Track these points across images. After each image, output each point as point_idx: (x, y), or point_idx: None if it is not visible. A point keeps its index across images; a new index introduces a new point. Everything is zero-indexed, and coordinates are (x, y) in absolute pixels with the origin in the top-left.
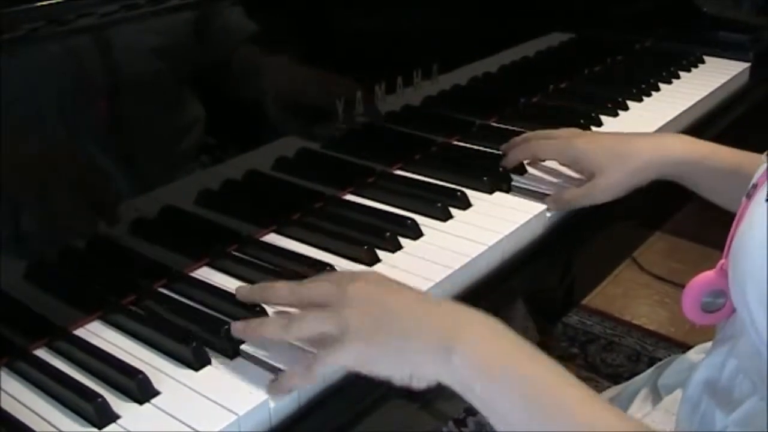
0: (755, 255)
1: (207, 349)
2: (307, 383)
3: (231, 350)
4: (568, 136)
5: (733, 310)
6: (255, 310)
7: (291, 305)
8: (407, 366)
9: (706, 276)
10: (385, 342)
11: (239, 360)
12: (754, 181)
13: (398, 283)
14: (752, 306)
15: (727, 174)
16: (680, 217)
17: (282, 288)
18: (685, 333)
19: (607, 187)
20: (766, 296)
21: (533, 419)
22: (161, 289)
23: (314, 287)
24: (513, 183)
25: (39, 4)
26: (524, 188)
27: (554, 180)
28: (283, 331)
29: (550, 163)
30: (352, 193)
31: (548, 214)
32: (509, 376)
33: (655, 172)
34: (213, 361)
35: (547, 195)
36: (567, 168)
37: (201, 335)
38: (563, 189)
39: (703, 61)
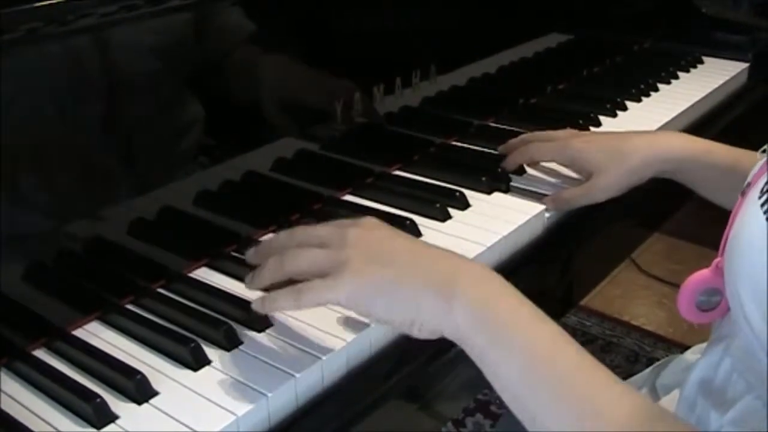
0: (749, 253)
1: (206, 350)
2: (294, 307)
3: (229, 350)
4: (565, 137)
5: (729, 309)
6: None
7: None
8: (406, 309)
9: (702, 274)
10: (384, 281)
11: (238, 360)
12: (749, 179)
13: (398, 230)
14: (746, 304)
15: (724, 171)
16: (679, 218)
17: (282, 235)
18: (683, 334)
19: (606, 185)
20: (759, 294)
21: (530, 381)
22: (160, 290)
23: (313, 229)
24: (511, 183)
25: (39, 4)
26: (523, 189)
27: (553, 180)
28: (279, 265)
29: (549, 164)
30: (351, 193)
31: (547, 215)
32: (510, 333)
33: (653, 169)
34: (212, 361)
35: (546, 195)
36: (566, 168)
37: (200, 335)
38: (562, 189)
39: (701, 62)
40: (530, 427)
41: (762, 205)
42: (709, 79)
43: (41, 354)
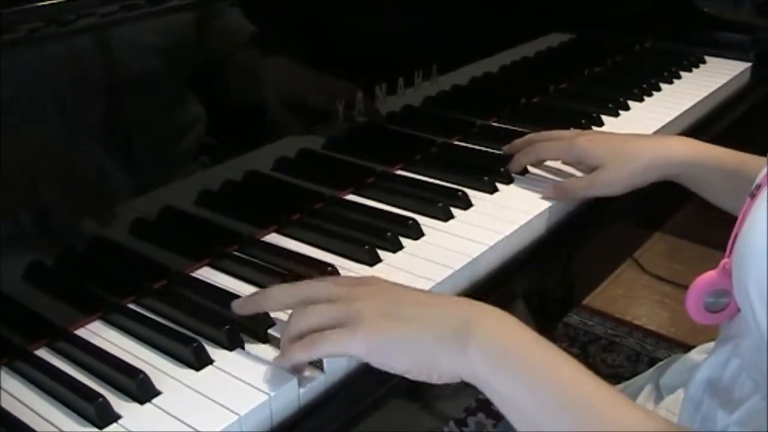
0: (757, 253)
1: (208, 349)
2: (308, 358)
3: (232, 350)
4: (571, 136)
5: (737, 310)
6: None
7: (291, 308)
8: (423, 361)
9: (709, 276)
10: (399, 331)
11: (240, 360)
12: (758, 181)
13: (402, 284)
14: (755, 304)
15: (729, 176)
16: (681, 217)
17: (280, 292)
18: (685, 333)
19: (609, 180)
20: (766, 294)
21: (551, 416)
22: (162, 289)
23: (317, 287)
24: (514, 183)
25: (39, 4)
26: (525, 188)
27: (556, 180)
28: (293, 326)
29: (552, 163)
30: (353, 193)
31: (548, 204)
32: (525, 370)
33: (658, 172)
34: (214, 361)
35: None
36: (570, 168)
37: (202, 335)
38: (565, 175)
39: (704, 61)
40: None
41: None
42: (712, 78)
43: (43, 353)
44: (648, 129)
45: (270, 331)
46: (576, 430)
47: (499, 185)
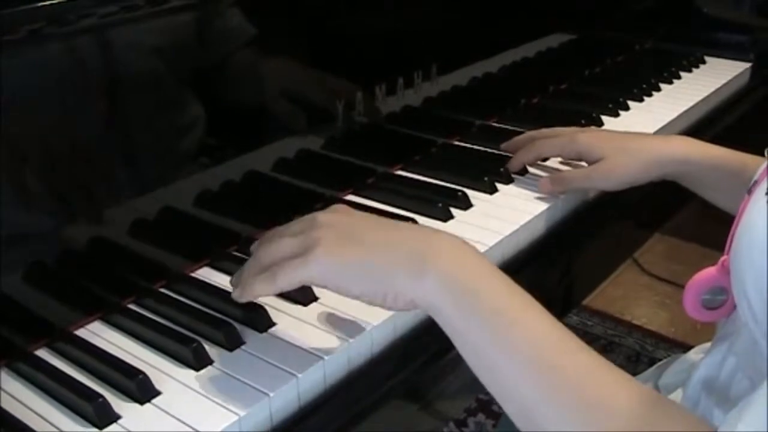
0: (755, 248)
1: (207, 349)
2: (270, 291)
3: (231, 350)
4: (571, 132)
5: (735, 307)
6: (256, 310)
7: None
8: (379, 282)
9: (708, 273)
10: (355, 256)
11: (240, 360)
12: (755, 177)
13: (368, 213)
14: (753, 301)
15: (730, 176)
16: (681, 218)
17: (256, 247)
18: (685, 333)
19: (608, 172)
20: (764, 289)
21: (503, 350)
22: (162, 290)
23: (284, 226)
24: (514, 183)
25: (39, 4)
26: (525, 188)
27: (554, 174)
28: (256, 261)
29: (552, 163)
30: (353, 193)
31: (548, 204)
32: (481, 302)
33: (659, 170)
34: (213, 361)
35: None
36: (570, 166)
37: (201, 335)
38: (563, 170)
39: (704, 62)
40: (498, 395)
41: None
42: (712, 78)
43: (43, 354)
44: (648, 129)
45: (270, 330)
46: (522, 362)
47: (498, 185)
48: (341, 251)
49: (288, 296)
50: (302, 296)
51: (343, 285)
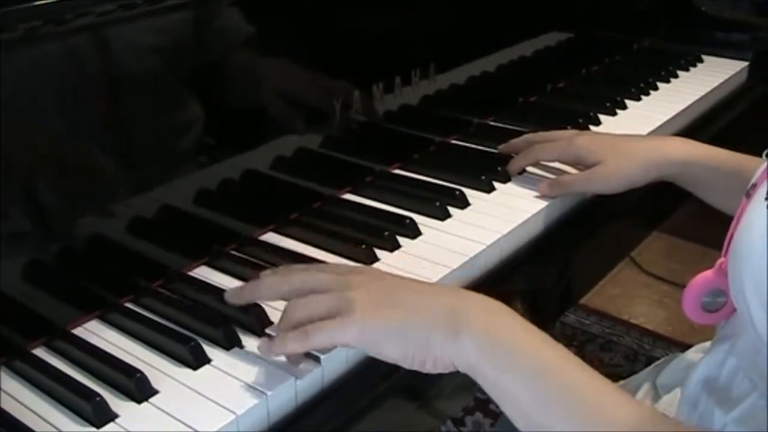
0: (753, 252)
1: (205, 348)
2: (301, 349)
3: (229, 349)
4: (569, 136)
5: (734, 309)
6: (253, 311)
7: (285, 297)
8: (416, 349)
9: (705, 276)
10: (392, 319)
11: (238, 359)
12: (753, 180)
13: (396, 275)
14: (751, 304)
15: (728, 177)
16: (679, 216)
17: (273, 280)
18: (683, 332)
19: (607, 175)
20: (763, 294)
21: (544, 403)
22: (160, 289)
23: (311, 275)
24: (511, 182)
25: (37, 3)
26: (522, 187)
27: (552, 178)
28: (286, 316)
29: (549, 163)
30: (351, 192)
31: (546, 203)
32: (519, 359)
33: (656, 171)
34: (211, 360)
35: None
36: (567, 167)
37: (199, 334)
38: (562, 174)
39: (701, 61)
40: None
41: None
42: (709, 77)
43: (41, 353)
44: (645, 128)
45: (267, 330)
46: (567, 419)
47: (496, 184)
48: (378, 316)
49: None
50: None
51: (381, 349)
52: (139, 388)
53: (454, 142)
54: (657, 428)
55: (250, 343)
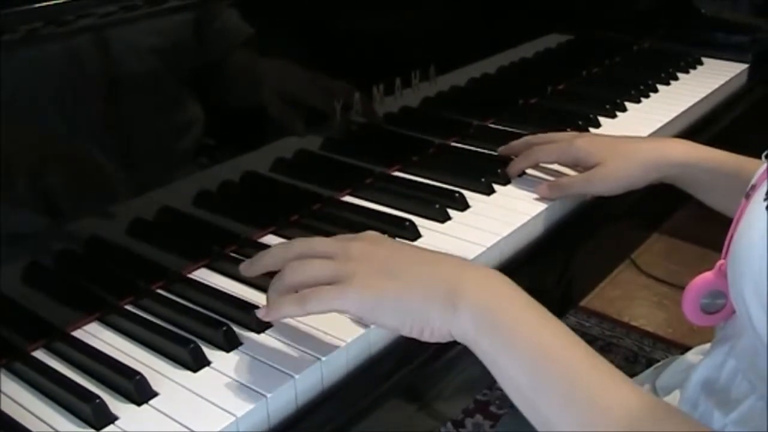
0: (753, 254)
1: (205, 351)
2: (299, 314)
3: (229, 351)
4: (568, 138)
5: (733, 311)
6: (255, 311)
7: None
8: (415, 317)
9: (705, 277)
10: (391, 291)
11: (237, 361)
12: (753, 181)
13: (399, 241)
14: (750, 305)
15: (728, 177)
16: (679, 218)
17: (277, 247)
18: (683, 334)
19: (606, 176)
20: (763, 295)
21: (541, 383)
22: (159, 291)
23: (312, 242)
24: (511, 184)
25: (38, 5)
26: (522, 190)
27: (552, 180)
28: (281, 279)
29: (548, 165)
30: (351, 194)
31: (545, 205)
32: (518, 336)
33: (656, 173)
34: (211, 362)
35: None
36: (566, 169)
37: (199, 336)
38: (561, 176)
39: (701, 63)
40: (541, 428)
41: (767, 208)
42: (709, 80)
43: (40, 355)
44: (645, 130)
45: (267, 331)
46: (563, 407)
47: (496, 186)
48: (378, 285)
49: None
50: None
51: (379, 319)
52: (139, 390)
53: (453, 144)
54: (657, 424)
55: (250, 344)
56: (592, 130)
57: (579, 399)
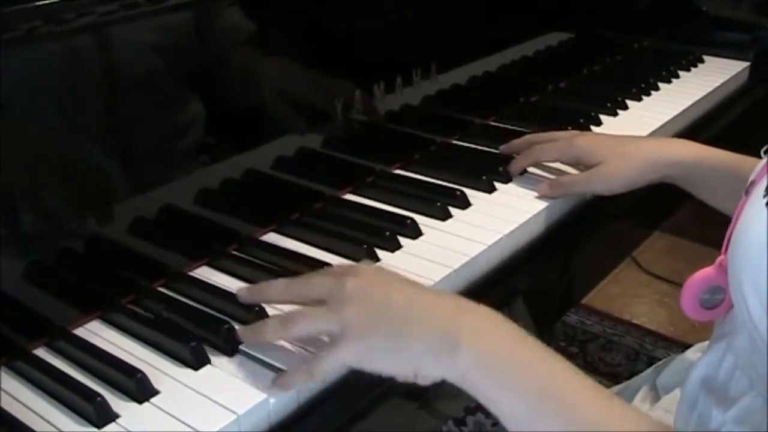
0: (752, 249)
1: (206, 349)
2: (310, 383)
3: (230, 349)
4: (569, 137)
5: (731, 306)
6: (255, 310)
7: (289, 302)
8: (410, 363)
9: (705, 272)
10: (386, 339)
11: (238, 359)
12: (752, 177)
13: (396, 276)
14: (749, 301)
15: (728, 178)
16: (680, 216)
17: (278, 285)
18: (684, 332)
19: (607, 175)
20: (762, 291)
21: (540, 419)
22: (161, 289)
23: (312, 283)
24: (512, 183)
25: (38, 3)
26: (523, 188)
27: (553, 178)
28: (283, 331)
29: (550, 163)
30: (352, 192)
31: (547, 203)
32: (515, 376)
33: (656, 172)
34: (212, 360)
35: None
36: (568, 167)
37: (200, 334)
38: (562, 174)
39: (702, 61)
40: None
41: (767, 204)
42: (710, 78)
43: (42, 353)
44: (646, 128)
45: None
46: (562, 429)
47: (497, 184)
48: (371, 335)
49: None
50: None
51: (375, 367)
52: (140, 388)
53: (455, 142)
54: None
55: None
56: (593, 127)
57: (579, 429)
